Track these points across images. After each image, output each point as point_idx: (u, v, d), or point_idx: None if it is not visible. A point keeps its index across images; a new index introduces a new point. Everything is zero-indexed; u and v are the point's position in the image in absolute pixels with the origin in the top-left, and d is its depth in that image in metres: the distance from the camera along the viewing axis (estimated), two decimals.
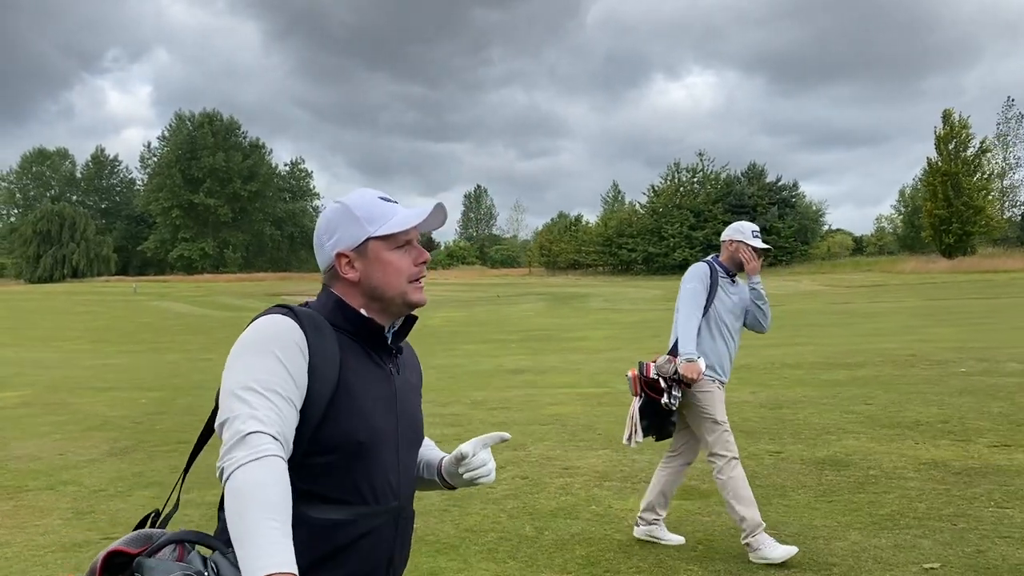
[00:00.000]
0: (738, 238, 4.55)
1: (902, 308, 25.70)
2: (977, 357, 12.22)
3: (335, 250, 1.69)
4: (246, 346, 1.57)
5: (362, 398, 1.63)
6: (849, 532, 4.55)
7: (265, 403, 1.48)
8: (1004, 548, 4.18)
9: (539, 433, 7.76)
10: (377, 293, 1.69)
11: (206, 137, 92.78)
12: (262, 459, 1.40)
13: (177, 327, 32.89)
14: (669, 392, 4.26)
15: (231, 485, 1.39)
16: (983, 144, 54.15)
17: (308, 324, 1.59)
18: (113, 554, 1.51)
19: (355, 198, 1.74)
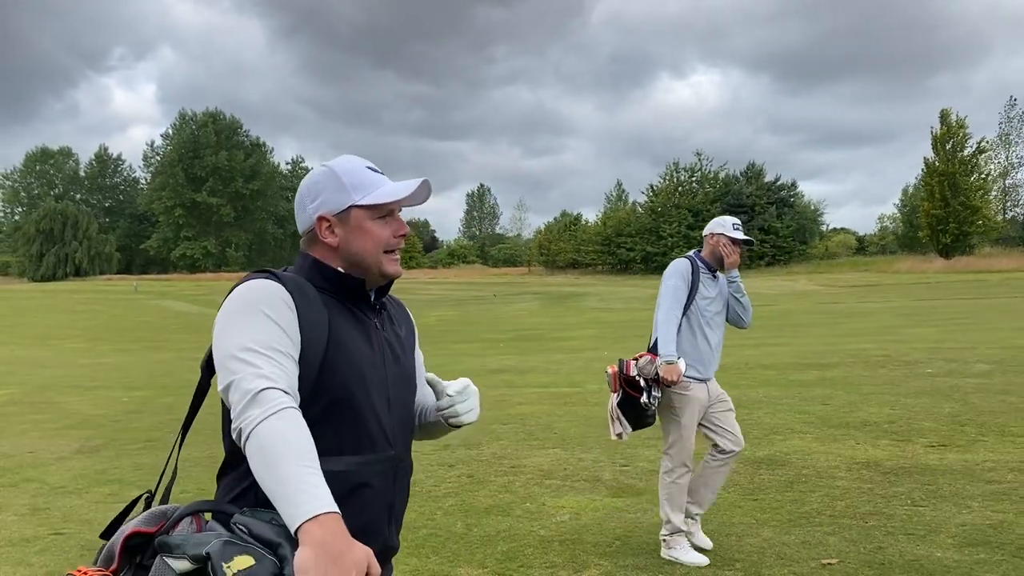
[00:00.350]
0: (718, 231, 4.52)
1: (889, 308, 25.85)
2: (947, 358, 12.39)
3: (317, 213, 1.71)
4: (234, 310, 1.59)
5: (351, 351, 1.66)
6: (763, 529, 4.75)
7: (267, 361, 1.50)
8: (905, 545, 4.37)
9: (498, 432, 7.97)
10: (355, 260, 1.71)
11: (208, 136, 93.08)
12: (281, 411, 1.42)
13: (174, 326, 33.18)
14: (649, 392, 4.25)
15: (255, 441, 1.40)
16: (980, 144, 54.16)
17: (291, 285, 1.62)
18: (131, 536, 1.52)
19: (342, 163, 1.76)
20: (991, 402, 8.48)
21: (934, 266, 46.53)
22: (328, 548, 1.28)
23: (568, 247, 67.05)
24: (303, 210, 1.74)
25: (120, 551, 1.50)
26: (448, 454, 6.96)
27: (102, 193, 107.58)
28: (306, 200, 1.73)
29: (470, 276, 68.24)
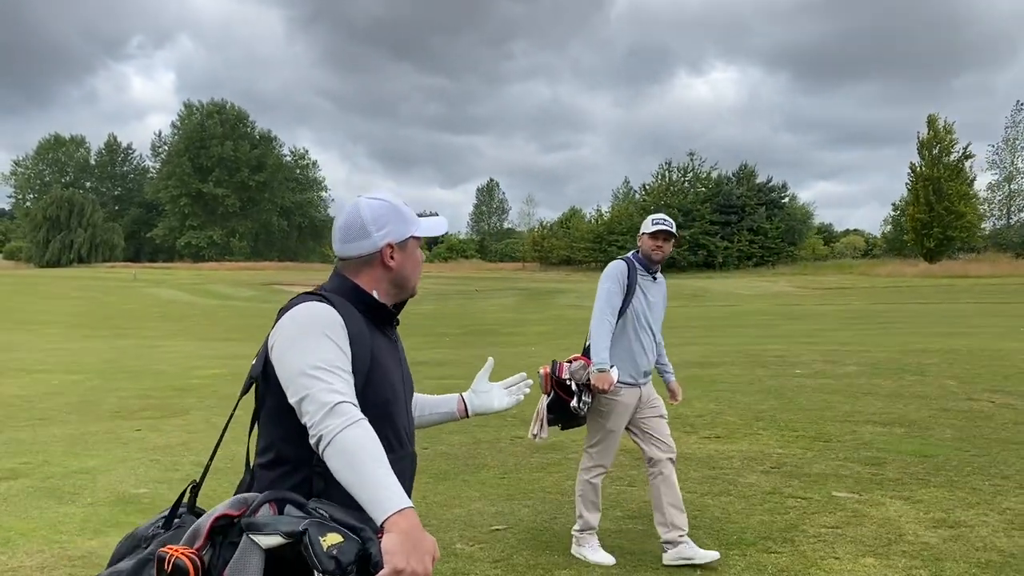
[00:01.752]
0: (640, 231, 4.56)
1: (838, 311, 26.48)
2: (828, 359, 13.09)
3: (385, 240, 1.98)
4: (300, 331, 1.82)
5: (386, 369, 1.95)
6: (478, 503, 5.55)
7: (336, 378, 1.75)
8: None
9: None
10: (402, 281, 2.03)
11: (215, 127, 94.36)
12: (357, 422, 1.69)
13: (157, 314, 34.07)
14: (579, 396, 4.20)
15: (336, 447, 1.66)
16: (966, 151, 54.53)
17: (342, 310, 1.87)
18: (219, 518, 1.72)
19: (396, 200, 2.05)
20: (809, 401, 9.23)
21: (913, 270, 47.03)
22: (410, 536, 1.59)
23: (562, 244, 67.78)
24: (367, 237, 1.97)
25: (207, 531, 1.70)
26: None
27: (112, 181, 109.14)
28: (371, 228, 1.97)
29: (465, 271, 69.00)
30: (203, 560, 1.67)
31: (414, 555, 1.58)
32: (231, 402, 5.76)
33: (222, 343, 21.06)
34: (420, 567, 1.59)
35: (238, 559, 1.64)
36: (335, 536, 1.59)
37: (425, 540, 1.62)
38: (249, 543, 1.64)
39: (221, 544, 1.69)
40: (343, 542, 1.58)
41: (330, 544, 1.57)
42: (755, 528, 4.89)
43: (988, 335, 16.72)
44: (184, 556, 1.65)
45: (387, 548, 1.57)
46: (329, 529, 1.61)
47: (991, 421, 7.91)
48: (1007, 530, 4.73)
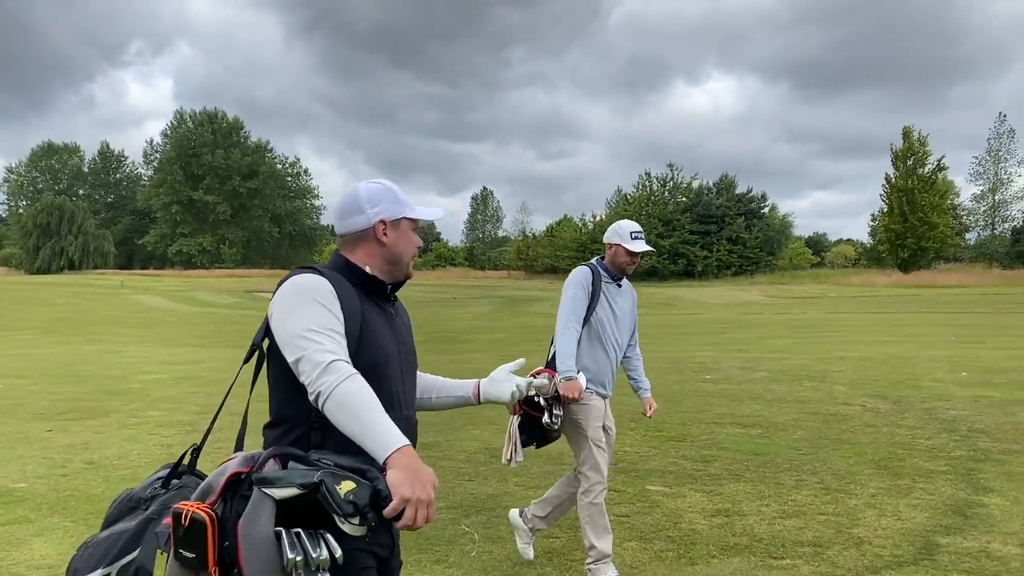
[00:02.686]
0: (616, 241, 4.32)
1: (791, 320, 26.97)
2: (743, 366, 13.64)
3: (379, 216, 2.15)
4: (294, 299, 1.98)
5: (376, 331, 2.08)
6: None
7: (328, 339, 1.90)
8: None
9: None
10: (395, 258, 2.17)
11: (206, 135, 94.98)
12: (351, 376, 1.84)
13: (133, 320, 34.43)
14: (549, 411, 3.91)
15: (335, 399, 1.81)
16: (940, 162, 55.17)
17: (332, 278, 2.04)
18: (232, 475, 1.85)
19: (390, 184, 2.21)
20: (693, 404, 9.75)
21: (884, 280, 47.57)
22: (411, 468, 1.73)
23: (546, 253, 68.32)
24: (361, 213, 2.15)
25: (223, 487, 1.84)
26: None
27: (105, 189, 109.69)
28: (366, 205, 2.15)
29: (450, 278, 69.52)
30: (219, 514, 1.80)
31: (417, 484, 1.72)
32: (158, 404, 6.69)
33: (186, 349, 21.46)
34: (424, 494, 1.73)
35: (251, 511, 1.76)
36: (349, 483, 1.72)
37: (424, 471, 1.77)
38: (261, 495, 1.77)
39: (232, 498, 1.82)
40: (356, 487, 1.71)
41: (346, 491, 1.70)
42: None
43: (916, 343, 17.25)
44: (201, 510, 1.79)
45: (393, 482, 1.72)
46: (342, 477, 1.73)
47: (847, 423, 8.43)
48: (775, 519, 5.24)
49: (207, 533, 1.77)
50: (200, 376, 14.21)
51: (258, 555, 1.74)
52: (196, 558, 1.79)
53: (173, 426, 8.94)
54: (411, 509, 1.71)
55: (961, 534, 4.83)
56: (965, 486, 5.88)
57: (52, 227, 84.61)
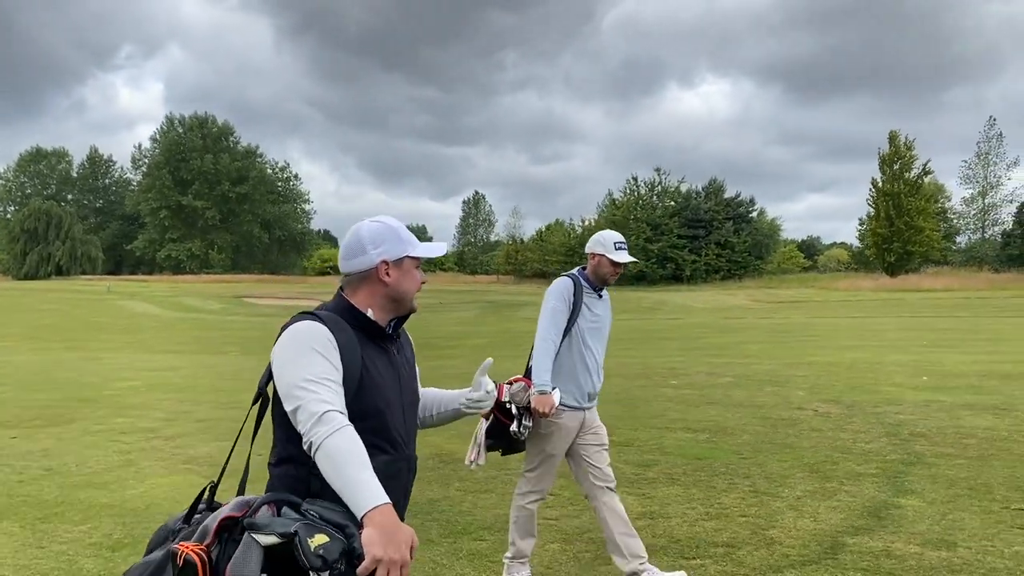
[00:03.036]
0: (599, 251, 4.30)
1: (771, 325, 27.18)
2: (709, 371, 13.82)
3: (381, 257, 2.19)
4: (293, 348, 2.03)
5: (377, 377, 2.11)
6: None
7: (324, 389, 1.94)
8: None
9: (221, 428, 9.44)
10: (399, 296, 2.21)
11: (195, 140, 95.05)
12: (342, 429, 1.88)
13: (117, 326, 34.40)
14: (519, 420, 3.95)
15: (325, 451, 1.85)
16: (926, 166, 55.63)
17: (332, 326, 2.07)
18: (224, 519, 1.91)
19: (394, 222, 2.26)
20: (650, 410, 9.92)
21: (870, 284, 47.92)
22: (386, 528, 1.76)
23: (535, 257, 68.53)
24: (364, 254, 2.19)
25: (215, 531, 1.89)
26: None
27: (93, 194, 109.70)
28: (369, 247, 2.18)
29: (439, 283, 69.58)
30: (211, 555, 1.87)
31: (390, 545, 1.76)
32: (126, 412, 6.86)
33: (165, 355, 21.53)
34: (396, 555, 1.76)
35: (240, 554, 1.82)
36: (322, 536, 1.77)
37: (400, 531, 1.81)
38: (250, 540, 1.82)
39: (226, 541, 1.88)
40: (329, 542, 1.76)
41: (317, 544, 1.75)
42: (481, 519, 5.57)
43: (887, 348, 17.45)
44: (193, 552, 1.86)
45: (365, 541, 1.76)
46: (317, 530, 1.78)
47: (794, 427, 8.61)
48: (697, 521, 5.41)
49: (198, 574, 1.84)
50: (174, 383, 14.32)
51: None
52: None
53: (136, 433, 9.07)
54: (382, 569, 1.76)
55: (869, 534, 5.00)
56: (888, 488, 6.06)
57: (39, 232, 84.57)
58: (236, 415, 10.40)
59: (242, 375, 15.68)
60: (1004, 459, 6.92)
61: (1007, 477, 6.30)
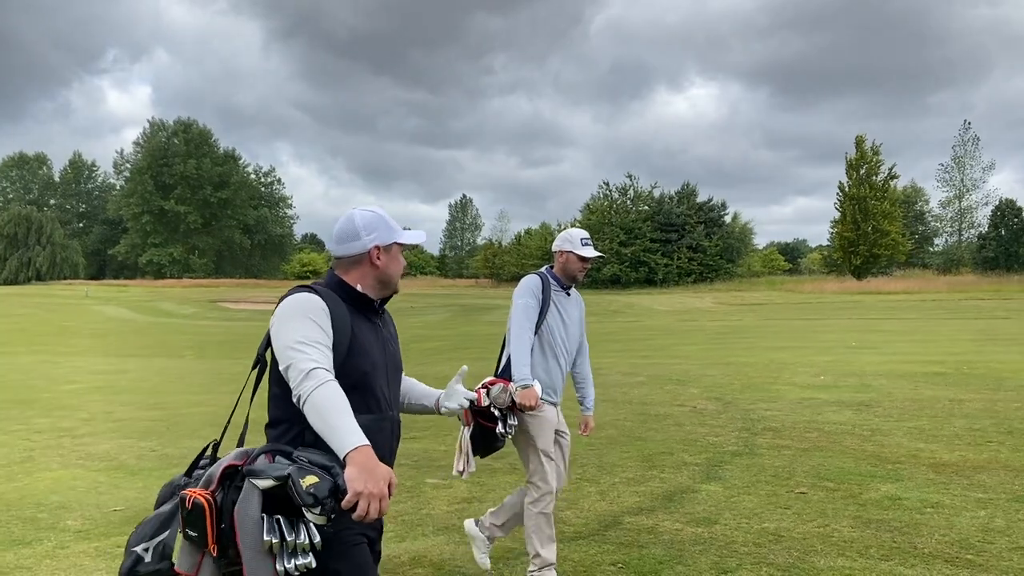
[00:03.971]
0: (567, 248, 4.39)
1: (718, 327, 27.84)
2: (629, 371, 14.40)
3: (373, 243, 2.43)
4: (289, 315, 2.26)
5: (365, 343, 2.35)
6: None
7: (313, 350, 2.17)
8: None
9: (145, 424, 9.98)
10: (386, 278, 2.47)
11: (179, 145, 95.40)
12: (327, 383, 2.10)
13: (87, 331, 34.72)
14: (504, 421, 3.81)
15: (311, 403, 2.07)
16: (891, 171, 56.50)
17: (326, 296, 2.32)
18: (227, 468, 2.13)
19: (383, 212, 2.50)
20: None
21: (834, 287, 48.70)
22: (366, 465, 1.97)
23: (512, 260, 69.17)
24: (357, 239, 2.43)
25: (219, 477, 2.12)
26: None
27: (77, 198, 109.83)
28: (362, 232, 2.42)
29: (416, 287, 70.10)
30: (216, 499, 2.10)
31: (370, 480, 1.97)
32: (52, 412, 7.58)
33: (122, 359, 21.90)
34: (375, 488, 1.97)
35: (243, 498, 2.05)
36: (312, 478, 1.97)
37: (379, 468, 2.01)
38: (250, 486, 2.05)
39: (228, 487, 2.11)
40: (318, 482, 1.97)
41: (308, 484, 1.96)
42: None
43: (811, 349, 18.10)
44: (200, 496, 2.09)
45: (348, 477, 1.98)
46: (308, 472, 1.99)
47: (660, 423, 9.21)
48: None
49: (206, 516, 2.08)
50: (117, 385, 14.78)
51: (249, 536, 2.03)
52: (198, 537, 2.10)
53: (50, 432, 9.55)
54: (363, 502, 1.97)
55: (648, 514, 5.60)
56: (700, 476, 6.66)
57: (20, 238, 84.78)
58: (154, 415, 10.97)
59: (186, 378, 16.23)
60: (828, 450, 7.53)
61: (815, 466, 6.90)
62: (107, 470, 7.42)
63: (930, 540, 4.92)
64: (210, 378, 15.95)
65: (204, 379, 15.88)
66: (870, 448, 7.56)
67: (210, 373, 17.17)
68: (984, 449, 7.38)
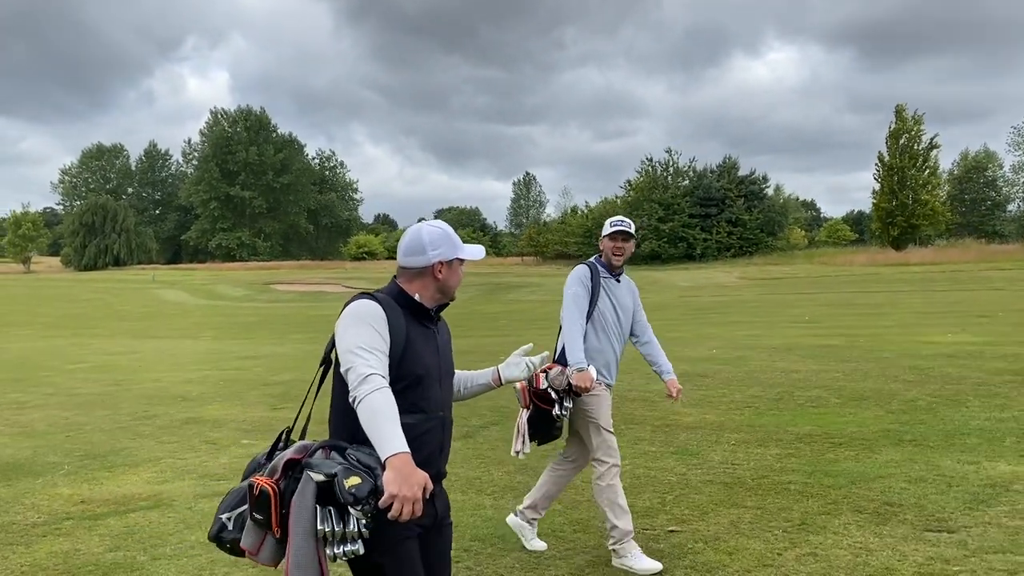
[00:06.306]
0: (602, 234, 4.64)
1: (714, 303, 28.64)
2: None
3: (437, 259, 2.61)
4: (352, 321, 2.45)
5: (419, 348, 2.54)
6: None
7: (371, 356, 2.36)
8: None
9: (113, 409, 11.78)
10: (445, 289, 2.67)
11: (240, 133, 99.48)
12: (380, 389, 2.27)
13: (136, 315, 36.62)
14: (560, 403, 4.23)
15: (364, 406, 2.25)
16: (932, 140, 55.48)
17: (385, 305, 2.50)
18: (288, 461, 2.35)
19: (447, 228, 2.69)
20: None
21: (861, 259, 48.31)
22: (402, 471, 2.16)
23: (555, 239, 70.23)
24: (423, 253, 2.60)
25: (282, 469, 2.34)
26: None
27: (152, 187, 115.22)
28: (428, 248, 2.60)
29: (465, 267, 71.54)
30: (281, 488, 2.31)
31: (404, 484, 2.13)
32: (32, 390, 10.17)
33: (146, 340, 23.62)
34: (409, 492, 2.14)
35: (301, 488, 2.25)
36: (355, 478, 2.18)
37: (415, 474, 2.17)
38: (307, 478, 2.25)
39: (290, 478, 2.31)
40: (360, 483, 2.17)
41: (351, 484, 2.16)
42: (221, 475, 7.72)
43: (768, 325, 19.02)
44: (268, 484, 2.31)
45: (385, 480, 2.15)
46: (353, 472, 2.19)
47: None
48: None
49: (271, 502, 2.29)
50: (116, 365, 16.21)
51: (301, 522, 2.22)
52: (264, 520, 2.31)
53: (6, 407, 10.96)
54: (398, 504, 2.14)
55: None
56: (459, 435, 8.03)
57: (97, 226, 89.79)
58: (112, 391, 12.53)
59: (181, 357, 17.99)
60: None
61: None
62: (11, 435, 8.97)
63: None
64: (197, 357, 17.74)
65: (191, 358, 17.66)
66: (649, 414, 8.76)
67: (203, 352, 18.94)
68: (734, 413, 8.56)
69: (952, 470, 5.98)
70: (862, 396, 9.12)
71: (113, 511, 5.82)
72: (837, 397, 9.16)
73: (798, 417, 8.22)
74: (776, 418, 8.23)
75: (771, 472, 6.20)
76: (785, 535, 4.79)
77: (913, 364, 11.27)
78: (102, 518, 5.65)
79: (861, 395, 9.19)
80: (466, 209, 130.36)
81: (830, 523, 4.95)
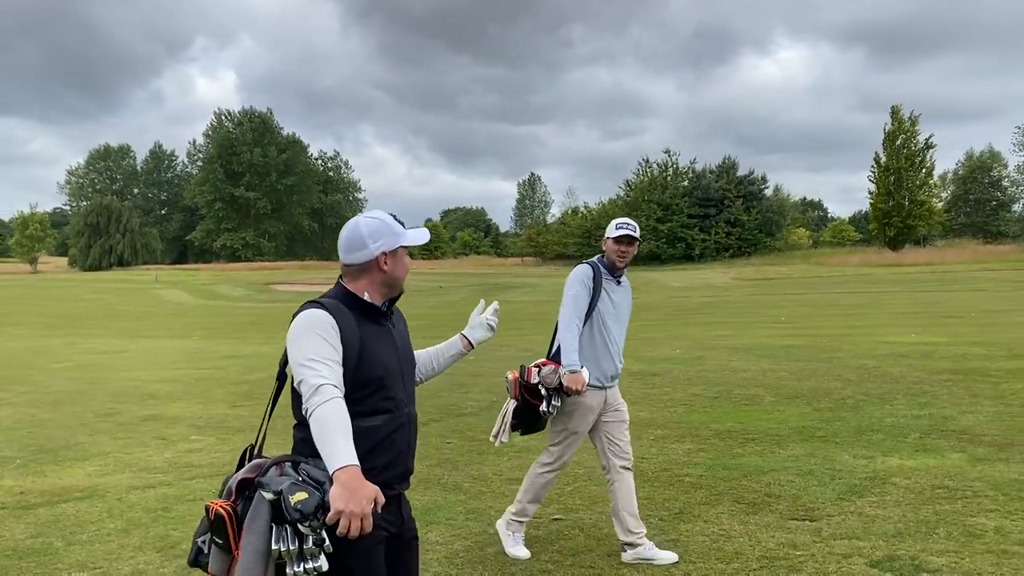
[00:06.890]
0: (606, 236, 4.59)
1: (697, 303, 28.88)
2: (523, 348, 15.96)
3: (380, 250, 2.51)
4: (300, 332, 2.38)
5: (375, 349, 2.47)
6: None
7: (322, 366, 2.29)
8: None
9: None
10: (393, 280, 2.56)
11: (245, 134, 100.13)
12: (331, 400, 2.23)
13: (133, 314, 36.92)
14: (548, 400, 4.26)
15: (315, 418, 2.20)
16: (928, 141, 55.57)
17: (333, 311, 2.42)
18: (241, 481, 2.33)
19: (385, 216, 2.58)
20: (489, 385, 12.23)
21: (855, 260, 48.50)
22: (349, 485, 2.09)
23: (555, 239, 70.52)
24: (364, 248, 2.50)
25: (236, 490, 2.33)
26: None
27: (158, 187, 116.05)
28: (368, 241, 2.50)
29: (464, 266, 72.10)
30: (236, 509, 2.29)
31: (351, 499, 2.08)
32: (9, 387, 10.35)
33: (135, 340, 23.85)
34: (357, 508, 2.07)
35: (254, 508, 2.24)
36: (302, 494, 2.14)
37: (363, 488, 2.11)
38: (260, 497, 2.23)
39: (246, 498, 2.29)
40: (307, 498, 2.13)
41: (296, 500, 2.13)
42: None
43: (740, 326, 19.27)
44: (222, 508, 2.29)
45: (332, 495, 2.10)
46: (300, 488, 2.16)
47: (488, 392, 10.85)
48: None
49: (226, 525, 2.26)
50: (99, 364, 16.60)
51: (252, 541, 2.19)
52: (224, 544, 2.29)
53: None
54: (344, 520, 2.08)
55: None
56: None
57: (101, 226, 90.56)
58: (84, 389, 12.87)
59: (164, 356, 18.33)
60: None
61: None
62: None
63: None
64: (179, 356, 18.09)
65: (173, 357, 18.00)
66: None
67: (188, 352, 19.27)
68: (667, 410, 8.85)
69: (844, 464, 6.26)
70: (797, 395, 9.41)
71: (46, 501, 6.14)
72: (773, 395, 9.45)
73: (726, 415, 8.51)
74: (705, 415, 8.52)
75: (674, 466, 6.49)
76: (660, 523, 5.09)
77: (860, 364, 11.54)
78: (34, 508, 5.98)
79: (796, 394, 9.47)
80: (472, 210, 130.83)
81: (705, 512, 5.24)
